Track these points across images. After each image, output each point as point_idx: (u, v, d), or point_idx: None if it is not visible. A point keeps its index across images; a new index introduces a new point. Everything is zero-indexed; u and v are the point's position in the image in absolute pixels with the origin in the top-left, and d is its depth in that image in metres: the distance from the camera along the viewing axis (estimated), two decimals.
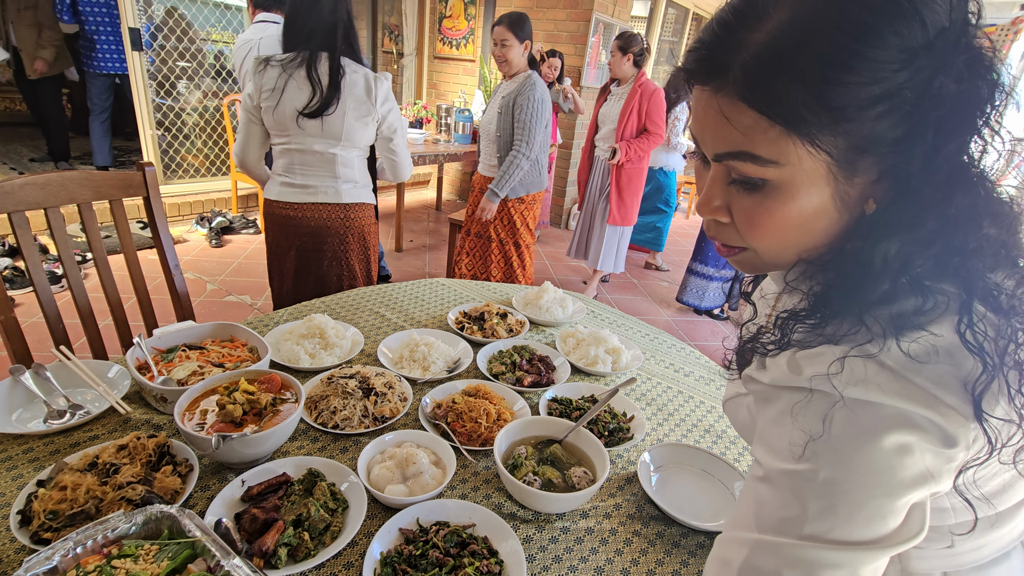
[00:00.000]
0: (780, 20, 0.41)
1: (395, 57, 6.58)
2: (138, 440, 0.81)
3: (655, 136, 3.26)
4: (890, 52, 0.39)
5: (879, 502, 0.42)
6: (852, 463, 0.43)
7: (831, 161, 0.43)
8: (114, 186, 1.41)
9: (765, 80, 0.42)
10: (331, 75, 1.65)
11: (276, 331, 1.27)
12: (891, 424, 0.42)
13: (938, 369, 0.43)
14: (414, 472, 0.86)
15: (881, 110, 0.40)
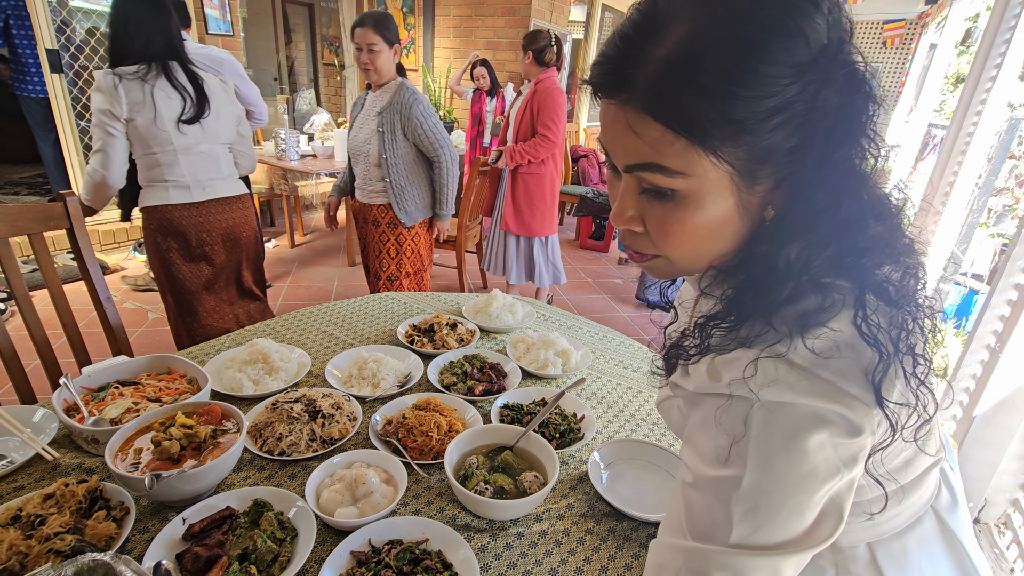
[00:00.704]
0: (680, 36, 0.43)
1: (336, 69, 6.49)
2: (66, 487, 0.77)
3: (544, 139, 2.89)
4: (781, 67, 0.41)
5: (796, 500, 0.45)
6: (771, 464, 0.45)
7: (733, 171, 0.45)
8: (32, 219, 1.34)
9: (669, 95, 0.43)
10: (192, 82, 1.77)
11: (217, 359, 1.23)
12: (804, 424, 0.45)
13: (841, 363, 0.46)
14: (364, 492, 0.85)
15: (776, 122, 0.43)
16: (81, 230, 1.42)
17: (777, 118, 0.43)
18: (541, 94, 2.88)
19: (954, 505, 0.64)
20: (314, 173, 3.76)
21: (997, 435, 1.49)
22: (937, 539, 0.62)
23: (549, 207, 3.12)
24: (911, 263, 0.50)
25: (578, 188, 5.44)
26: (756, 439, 0.46)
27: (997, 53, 2.48)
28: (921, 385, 0.48)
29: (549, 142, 2.90)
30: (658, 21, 0.44)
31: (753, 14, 0.41)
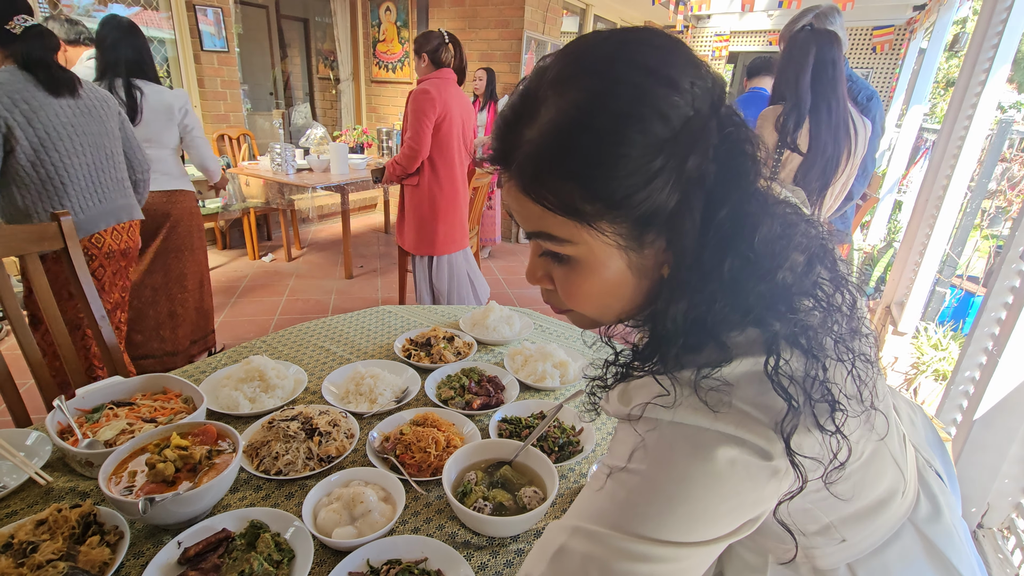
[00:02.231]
0: (544, 122, 0.45)
1: (332, 83, 6.53)
2: (59, 512, 0.76)
3: (405, 147, 2.65)
4: (638, 148, 0.43)
5: (700, 505, 0.44)
6: (673, 471, 0.45)
7: (618, 238, 0.48)
8: (26, 240, 1.34)
9: (538, 177, 0.46)
10: (127, 95, 2.17)
11: (213, 378, 1.22)
12: (712, 440, 0.45)
13: (750, 394, 0.46)
14: (362, 511, 0.84)
15: (643, 195, 0.45)
16: (75, 249, 1.42)
17: (643, 191, 0.44)
18: (410, 99, 2.64)
19: (936, 515, 0.63)
20: (310, 187, 3.77)
21: (997, 439, 1.48)
22: (919, 552, 0.61)
23: (428, 223, 2.79)
24: (834, 305, 0.50)
25: None
26: (664, 445, 0.46)
27: (985, 57, 2.50)
28: (836, 434, 0.46)
29: (412, 150, 2.64)
30: (529, 105, 0.47)
31: (607, 104, 0.44)
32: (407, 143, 2.64)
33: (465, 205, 2.93)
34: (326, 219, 5.82)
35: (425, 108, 2.57)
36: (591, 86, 0.44)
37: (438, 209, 2.78)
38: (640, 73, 0.44)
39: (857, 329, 0.51)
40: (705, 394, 0.46)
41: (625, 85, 0.44)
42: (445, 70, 2.66)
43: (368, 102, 6.10)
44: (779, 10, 6.12)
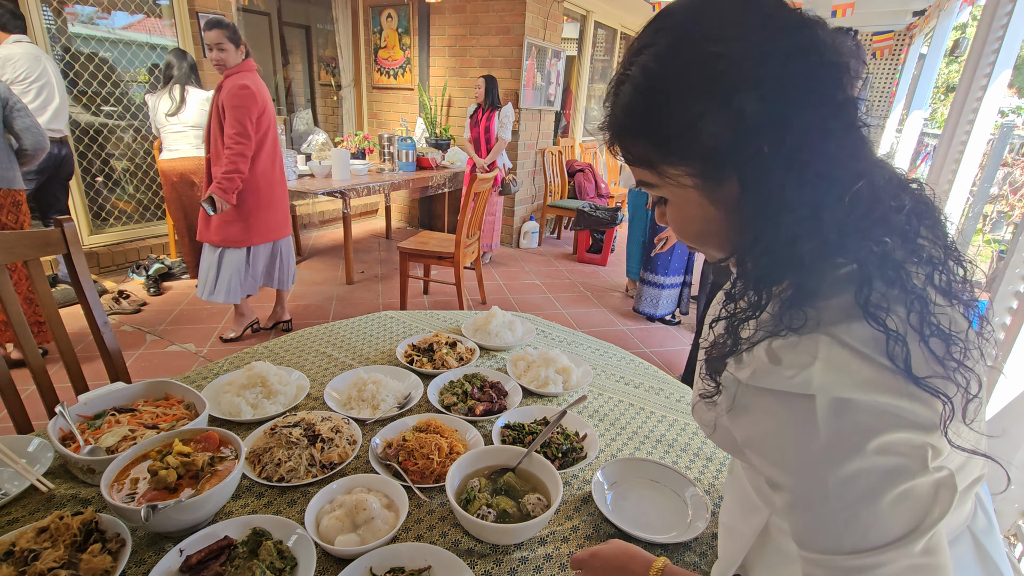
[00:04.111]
0: (621, 101, 0.55)
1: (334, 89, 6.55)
2: (60, 520, 0.76)
3: (233, 152, 2.58)
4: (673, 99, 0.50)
5: (882, 500, 0.45)
6: (848, 469, 0.46)
7: (686, 178, 0.54)
8: (29, 245, 1.34)
9: (617, 138, 0.57)
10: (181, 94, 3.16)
11: (215, 383, 1.22)
12: (874, 425, 0.45)
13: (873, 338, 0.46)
14: (365, 519, 0.84)
15: (691, 138, 0.50)
16: (78, 255, 1.42)
17: (690, 135, 0.50)
18: (227, 95, 2.56)
19: (990, 528, 0.63)
20: (312, 192, 3.77)
21: (1004, 446, 1.47)
22: (973, 560, 0.61)
23: (254, 214, 2.81)
24: (926, 245, 0.51)
25: (575, 202, 5.46)
26: (828, 445, 0.46)
27: (986, 63, 2.51)
28: (960, 367, 0.47)
29: (241, 154, 2.59)
30: (616, 84, 0.56)
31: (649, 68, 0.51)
32: (234, 148, 2.57)
33: (283, 191, 2.96)
34: (327, 224, 5.83)
35: (249, 105, 2.57)
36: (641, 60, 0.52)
37: (262, 199, 2.80)
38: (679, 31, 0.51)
39: (958, 294, 0.51)
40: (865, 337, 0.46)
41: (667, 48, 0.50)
42: (251, 61, 2.70)
43: (370, 108, 6.13)
44: None
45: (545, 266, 5.00)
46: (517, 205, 5.46)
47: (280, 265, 3.06)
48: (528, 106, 5.18)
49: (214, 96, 2.67)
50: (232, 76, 2.61)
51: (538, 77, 5.21)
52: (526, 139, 5.32)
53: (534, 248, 5.60)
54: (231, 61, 2.62)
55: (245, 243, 2.85)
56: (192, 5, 3.99)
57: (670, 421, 1.23)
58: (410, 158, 4.59)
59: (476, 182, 3.26)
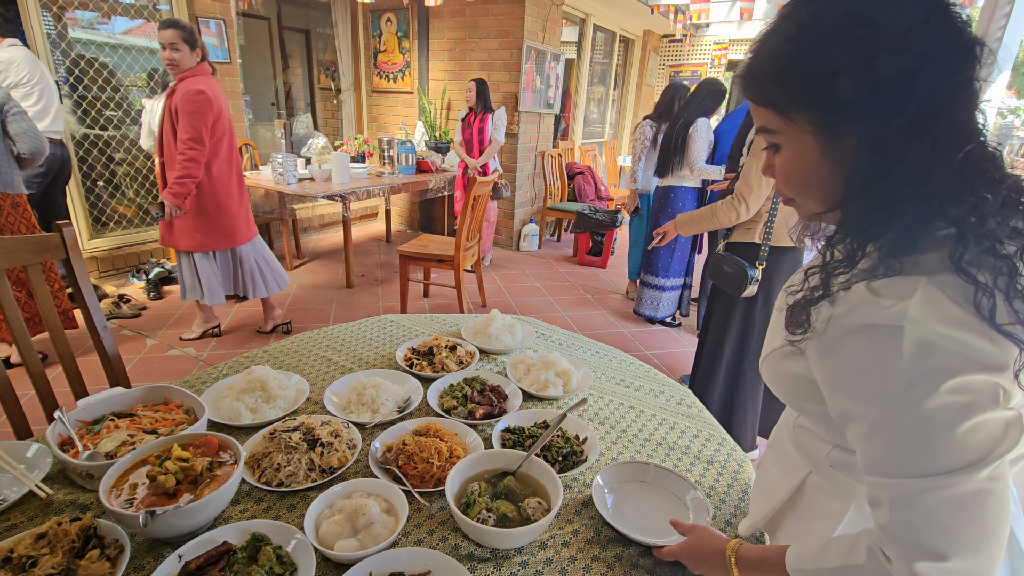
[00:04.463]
0: (766, 50, 0.61)
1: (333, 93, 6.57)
2: (59, 526, 0.76)
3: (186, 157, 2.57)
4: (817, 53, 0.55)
5: (953, 432, 0.50)
6: (925, 405, 0.51)
7: (810, 126, 0.58)
8: (29, 250, 1.34)
9: (756, 82, 0.62)
10: None
11: (215, 388, 1.21)
12: (954, 369, 0.50)
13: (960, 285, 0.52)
14: (364, 523, 0.83)
15: (827, 90, 0.54)
16: (78, 260, 1.42)
17: (826, 87, 0.54)
18: (182, 99, 2.54)
19: (1019, 513, 0.65)
20: (312, 196, 3.78)
21: None
22: None
23: (214, 220, 2.83)
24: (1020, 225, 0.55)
25: (575, 205, 5.47)
26: (906, 385, 0.51)
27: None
28: None
29: (195, 160, 2.59)
30: (761, 40, 0.62)
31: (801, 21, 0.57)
32: (187, 153, 2.56)
33: (242, 197, 2.95)
34: (327, 228, 5.83)
35: (204, 111, 2.56)
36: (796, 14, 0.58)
37: (221, 204, 2.81)
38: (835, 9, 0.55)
39: None
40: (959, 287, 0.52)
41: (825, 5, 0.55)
42: (206, 64, 2.68)
43: (369, 112, 6.14)
44: None
45: (545, 268, 5.00)
46: (517, 208, 5.47)
47: (243, 272, 3.03)
48: (527, 109, 5.18)
49: (166, 99, 2.63)
50: (186, 79, 2.58)
51: (537, 80, 5.22)
52: (526, 142, 5.33)
53: (534, 251, 5.60)
54: (185, 63, 2.59)
55: (210, 247, 2.86)
56: (192, 10, 4.00)
57: (670, 424, 1.23)
58: (410, 161, 4.60)
59: (476, 185, 3.27)
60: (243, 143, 4.52)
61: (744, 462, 1.12)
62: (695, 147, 3.23)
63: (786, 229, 1.92)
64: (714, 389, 2.26)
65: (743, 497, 1.01)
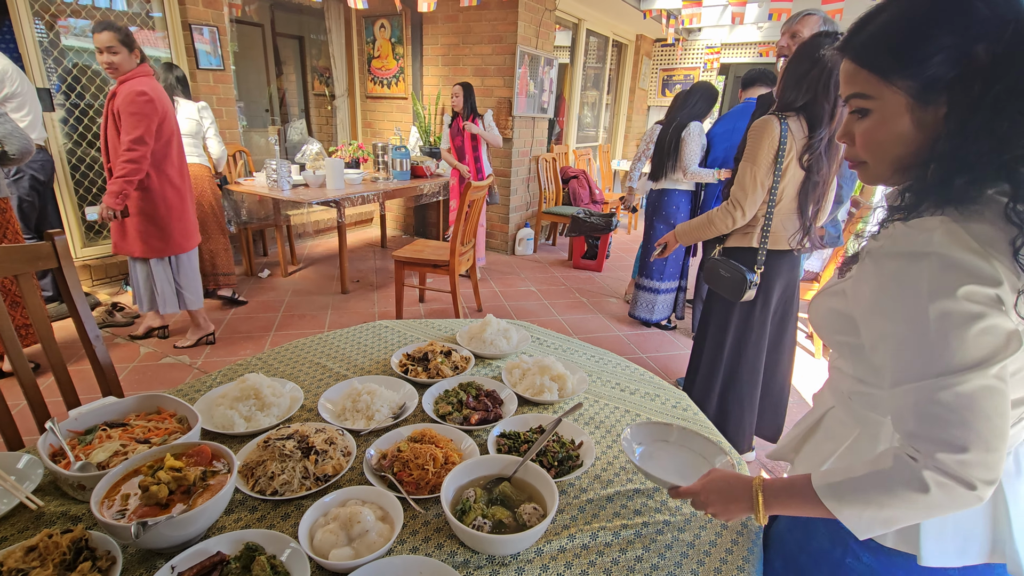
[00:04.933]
0: (878, 22, 0.69)
1: (327, 99, 6.57)
2: (50, 538, 0.75)
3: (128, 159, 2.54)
4: (925, 32, 0.64)
5: (963, 332, 0.61)
6: (943, 306, 0.62)
7: (908, 95, 0.66)
8: (20, 260, 1.33)
9: (866, 47, 0.69)
10: None
11: (208, 396, 1.21)
12: (966, 278, 0.61)
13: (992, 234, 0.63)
14: (359, 532, 0.83)
15: (929, 64, 0.64)
16: (70, 269, 1.41)
17: (929, 62, 0.64)
18: (124, 102, 2.51)
19: (1017, 473, 0.73)
20: (306, 202, 3.77)
21: None
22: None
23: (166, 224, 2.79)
24: None
25: (569, 209, 5.48)
26: (925, 293, 0.63)
27: None
28: None
29: (137, 163, 2.54)
30: (872, 13, 0.70)
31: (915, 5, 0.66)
32: (129, 154, 2.52)
33: (190, 202, 2.94)
34: (322, 234, 5.82)
35: (147, 112, 2.53)
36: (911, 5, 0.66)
37: (172, 208, 2.79)
38: None
39: None
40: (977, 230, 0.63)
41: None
42: (146, 66, 2.64)
43: (363, 117, 6.14)
44: (768, 22, 6.20)
45: (540, 272, 5.01)
46: (512, 212, 5.47)
47: (188, 279, 3.00)
48: (521, 113, 5.20)
49: (107, 103, 2.59)
50: (128, 81, 2.54)
51: (531, 85, 5.24)
52: (520, 146, 5.34)
53: (529, 255, 5.61)
54: (125, 66, 2.55)
55: (166, 252, 2.84)
56: (185, 17, 4.00)
57: None
58: (404, 167, 4.60)
59: (471, 189, 3.27)
60: (237, 149, 4.52)
61: (740, 464, 1.12)
62: (688, 150, 3.25)
63: (784, 234, 1.93)
64: (712, 391, 2.26)
65: None
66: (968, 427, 0.61)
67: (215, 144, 3.49)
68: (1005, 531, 0.71)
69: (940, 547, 0.72)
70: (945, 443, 0.62)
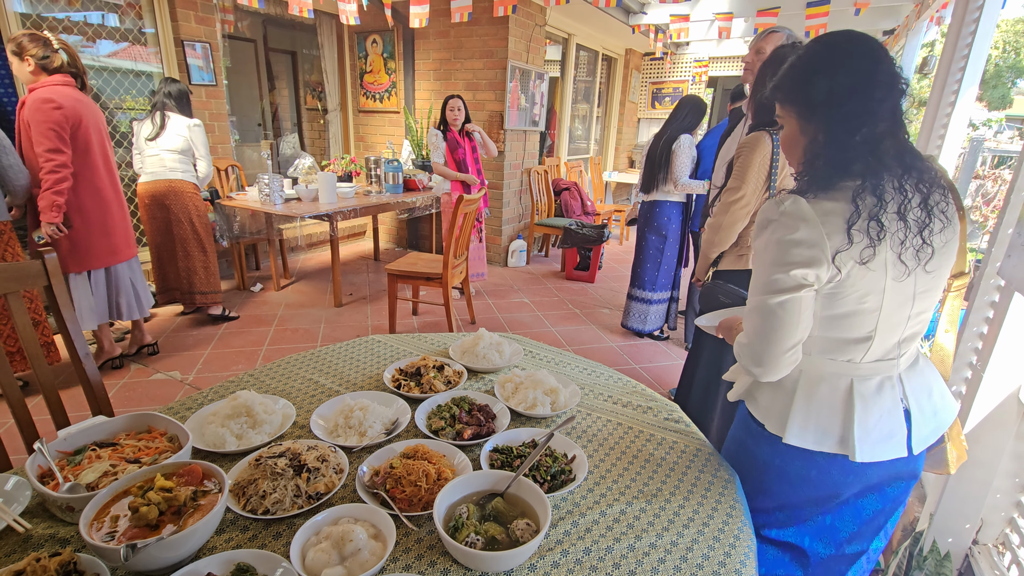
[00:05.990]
0: (779, 75, 1.03)
1: (320, 113, 6.60)
2: (37, 562, 0.74)
3: (48, 170, 2.46)
4: (803, 85, 0.98)
5: (777, 268, 0.95)
6: (766, 248, 0.97)
7: (794, 116, 1.01)
8: (8, 279, 1.32)
9: (776, 91, 1.04)
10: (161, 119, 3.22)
11: (199, 414, 1.20)
12: (792, 231, 0.92)
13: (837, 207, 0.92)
14: (352, 550, 0.82)
15: (803, 100, 0.98)
16: (59, 286, 1.40)
17: (803, 99, 0.98)
18: (28, 111, 2.42)
19: (877, 393, 1.01)
20: (298, 216, 3.77)
21: (988, 454, 1.49)
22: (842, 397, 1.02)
23: (83, 237, 2.71)
24: (906, 186, 0.93)
25: (561, 220, 5.51)
26: (768, 241, 0.97)
27: (954, 80, 2.59)
28: (877, 240, 0.91)
29: (58, 170, 2.47)
30: (777, 64, 1.33)
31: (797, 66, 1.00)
32: (48, 164, 2.44)
33: (120, 213, 2.85)
34: (315, 247, 5.81)
35: (55, 119, 2.44)
36: (802, 55, 0.99)
37: (90, 220, 2.70)
38: (812, 57, 0.97)
39: (924, 222, 0.93)
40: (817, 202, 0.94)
41: (816, 56, 0.97)
42: (60, 75, 2.54)
43: (356, 131, 6.17)
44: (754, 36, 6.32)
45: (533, 284, 5.02)
46: (504, 224, 5.50)
47: (122, 292, 2.95)
48: (513, 127, 5.24)
49: (17, 112, 2.51)
50: (35, 90, 2.47)
51: (522, 99, 5.29)
52: (512, 159, 5.38)
53: (522, 266, 5.62)
54: (23, 77, 2.51)
55: (83, 267, 2.75)
56: (177, 34, 4.02)
57: (658, 440, 1.23)
58: (397, 180, 4.61)
59: (463, 203, 3.28)
60: (229, 164, 4.52)
61: (732, 479, 1.12)
62: (678, 163, 3.29)
63: None
64: (713, 412, 2.23)
65: (730, 513, 1.02)
66: (750, 322, 1.02)
67: (203, 165, 3.44)
68: (850, 433, 0.99)
69: (801, 434, 1.02)
70: (743, 331, 1.04)
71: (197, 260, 3.58)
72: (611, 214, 6.67)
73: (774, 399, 1.07)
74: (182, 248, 3.51)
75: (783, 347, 0.96)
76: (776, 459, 1.08)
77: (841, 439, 1.00)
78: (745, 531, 0.98)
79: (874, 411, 1.00)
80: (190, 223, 3.49)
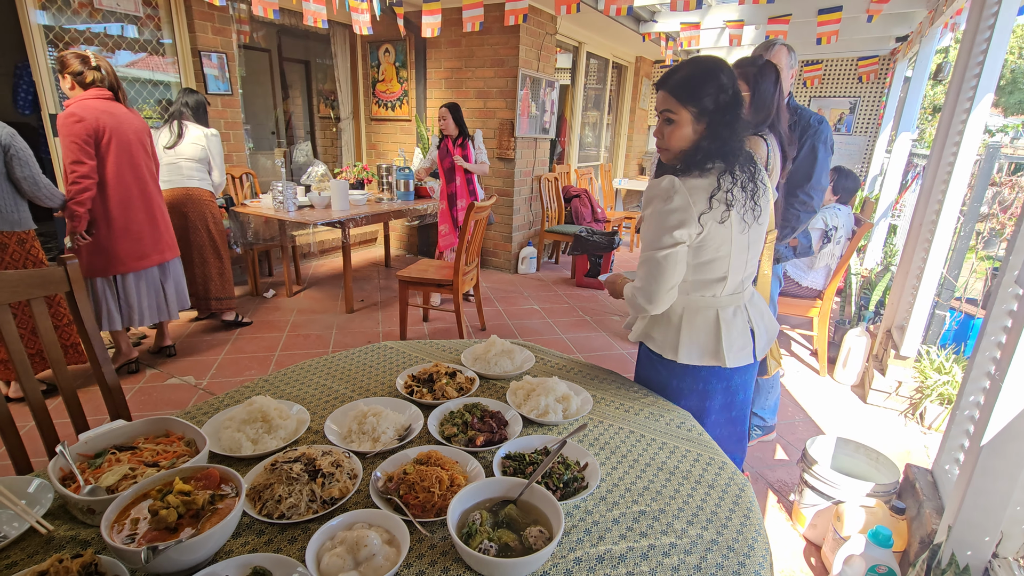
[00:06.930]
0: (682, 73, 1.29)
1: (333, 122, 6.67)
2: (60, 563, 0.76)
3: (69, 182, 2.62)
4: (702, 89, 1.27)
5: (659, 229, 1.31)
6: (652, 216, 1.32)
7: (691, 116, 1.28)
8: (32, 284, 1.35)
9: (674, 89, 1.29)
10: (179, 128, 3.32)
11: (216, 418, 1.22)
12: (668, 199, 1.28)
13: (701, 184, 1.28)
14: (366, 555, 0.83)
15: (699, 103, 1.27)
16: (80, 292, 1.44)
17: (700, 102, 1.27)
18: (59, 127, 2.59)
19: (733, 316, 1.42)
20: (311, 223, 3.82)
21: (1007, 464, 1.46)
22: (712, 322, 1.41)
23: (105, 243, 2.82)
24: (746, 168, 1.32)
25: (572, 227, 5.52)
26: (652, 210, 1.32)
27: (969, 86, 2.57)
28: (730, 205, 1.29)
29: (78, 183, 2.61)
30: (679, 68, 1.31)
31: (695, 73, 1.29)
32: (71, 175, 2.60)
33: (148, 219, 2.93)
34: (327, 254, 5.87)
35: (76, 131, 2.57)
36: (695, 67, 1.28)
37: (115, 227, 2.81)
38: (714, 69, 1.28)
39: (753, 191, 1.33)
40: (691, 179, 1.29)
41: (707, 70, 1.27)
42: (94, 89, 2.67)
43: (368, 139, 6.23)
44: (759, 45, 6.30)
45: (544, 291, 5.02)
46: (515, 231, 5.51)
47: (147, 296, 3.04)
48: (523, 135, 5.27)
49: None
50: (68, 106, 2.63)
51: (533, 107, 5.32)
52: (522, 166, 5.41)
53: (532, 273, 5.63)
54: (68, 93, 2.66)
55: (108, 272, 2.86)
56: (194, 44, 4.10)
57: (671, 448, 1.23)
58: (408, 187, 4.65)
59: (474, 210, 3.30)
60: (243, 171, 4.59)
61: (745, 486, 1.12)
62: None
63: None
64: None
65: (744, 522, 1.01)
66: (640, 271, 1.36)
67: (217, 174, 3.50)
68: (720, 348, 1.39)
69: (688, 354, 1.41)
70: (635, 278, 1.40)
71: (213, 266, 3.64)
72: (621, 221, 6.67)
73: (666, 334, 1.43)
74: (199, 255, 3.56)
75: (666, 287, 1.32)
76: (673, 380, 1.47)
77: (715, 353, 1.40)
78: (760, 538, 0.97)
79: (734, 331, 1.40)
80: (207, 230, 3.55)
